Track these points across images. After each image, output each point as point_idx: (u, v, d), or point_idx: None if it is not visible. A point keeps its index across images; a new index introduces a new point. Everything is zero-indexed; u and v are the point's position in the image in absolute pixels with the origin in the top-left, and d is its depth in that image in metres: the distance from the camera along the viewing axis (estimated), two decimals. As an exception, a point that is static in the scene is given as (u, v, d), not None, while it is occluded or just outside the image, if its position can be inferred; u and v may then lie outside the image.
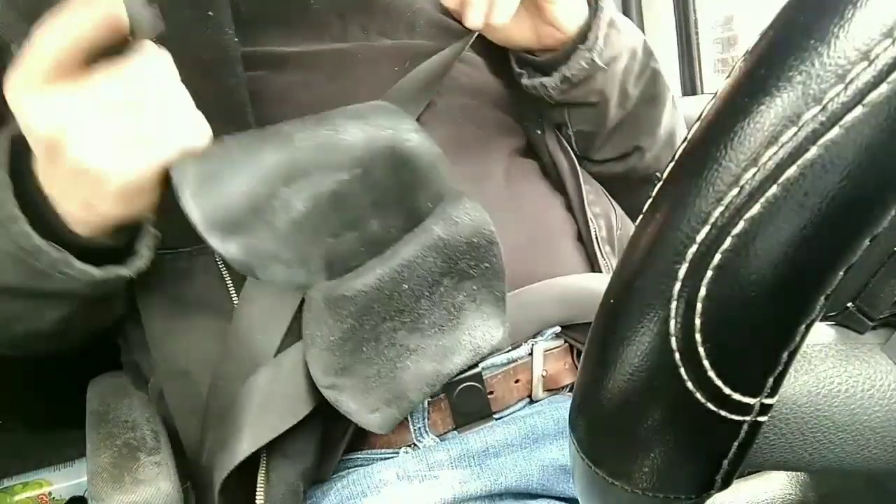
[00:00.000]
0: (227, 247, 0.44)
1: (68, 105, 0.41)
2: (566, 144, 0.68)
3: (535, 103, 0.69)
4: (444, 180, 0.51)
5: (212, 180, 0.44)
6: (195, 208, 0.43)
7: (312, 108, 0.62)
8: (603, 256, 0.64)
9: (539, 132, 0.69)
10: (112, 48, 0.42)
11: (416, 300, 0.49)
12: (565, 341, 0.61)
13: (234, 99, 0.58)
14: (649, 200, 0.22)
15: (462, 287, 0.51)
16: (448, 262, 0.49)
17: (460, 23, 0.62)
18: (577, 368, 0.62)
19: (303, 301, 0.51)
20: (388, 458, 0.54)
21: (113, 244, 0.50)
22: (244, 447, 0.48)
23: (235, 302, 0.54)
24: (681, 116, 0.70)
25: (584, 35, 0.60)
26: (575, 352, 0.61)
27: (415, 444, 0.55)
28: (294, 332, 0.53)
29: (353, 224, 0.49)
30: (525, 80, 0.65)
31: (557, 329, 0.60)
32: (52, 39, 0.40)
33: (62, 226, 0.47)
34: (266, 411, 0.49)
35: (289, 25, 0.66)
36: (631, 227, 0.69)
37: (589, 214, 0.65)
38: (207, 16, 0.60)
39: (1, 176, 0.46)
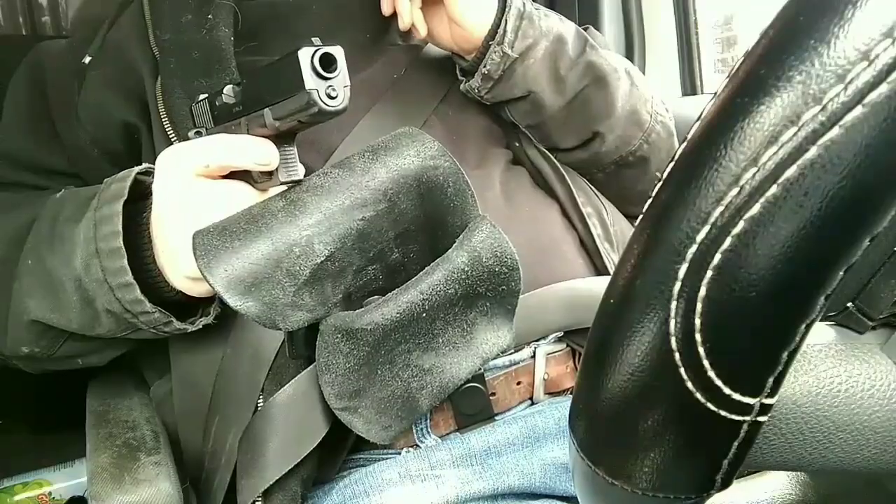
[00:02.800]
0: (245, 305, 0.44)
1: (187, 192, 0.49)
2: (546, 150, 0.68)
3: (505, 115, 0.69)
4: (469, 206, 0.50)
5: (231, 244, 0.45)
6: (210, 275, 0.44)
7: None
8: (604, 254, 0.64)
9: (517, 144, 0.69)
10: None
11: (431, 322, 0.49)
12: (567, 345, 0.61)
13: None
14: (649, 200, 0.22)
15: (476, 305, 0.50)
16: (468, 289, 0.49)
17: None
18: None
19: None
20: (390, 457, 0.54)
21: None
22: (269, 475, 0.50)
23: None
24: (644, 92, 0.69)
25: (494, 32, 0.62)
26: (577, 355, 0.61)
27: (416, 445, 0.55)
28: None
29: (376, 258, 0.49)
30: (461, 87, 0.67)
31: (560, 333, 0.60)
32: (216, 151, 0.48)
33: (163, 283, 0.52)
34: (286, 437, 0.50)
35: (289, 35, 0.67)
36: (623, 222, 0.69)
37: (584, 214, 0.66)
38: (207, 19, 0.61)
39: (116, 244, 0.49)
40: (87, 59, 0.65)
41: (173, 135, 0.58)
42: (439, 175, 0.48)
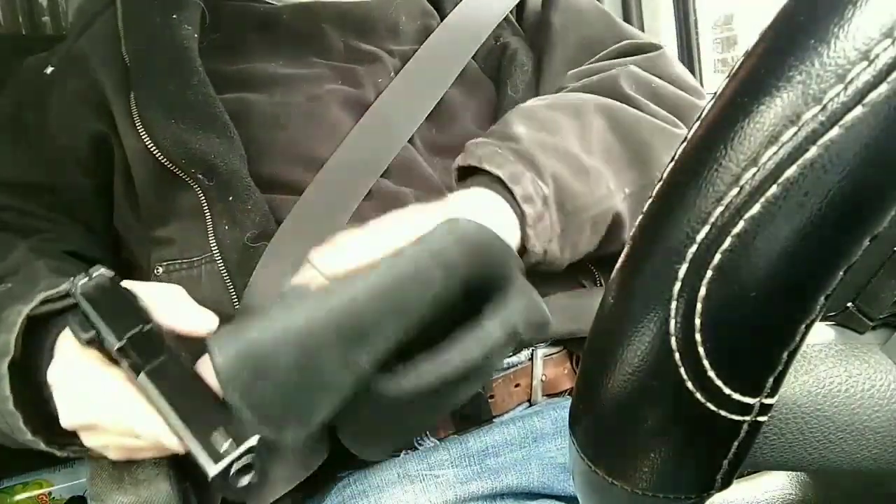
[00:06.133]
0: (284, 435, 0.40)
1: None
2: None
3: None
4: (511, 274, 0.44)
5: (257, 362, 0.39)
6: (242, 405, 0.39)
7: (298, 131, 0.60)
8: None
9: None
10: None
11: (455, 384, 0.45)
12: (564, 347, 0.61)
13: (199, 96, 0.58)
14: (649, 200, 0.22)
15: None
16: (498, 353, 0.45)
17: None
18: (575, 373, 0.62)
19: None
20: (389, 458, 0.54)
21: None
22: (277, 491, 0.51)
23: (237, 307, 0.55)
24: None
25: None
26: (574, 357, 0.61)
27: (415, 447, 0.55)
28: None
29: (418, 346, 0.44)
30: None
31: None
32: None
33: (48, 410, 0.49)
34: (294, 455, 0.51)
35: (269, 43, 0.65)
36: None
37: None
38: (172, 19, 0.60)
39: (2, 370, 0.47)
40: (49, 70, 0.64)
41: (152, 145, 0.57)
42: (492, 272, 0.44)
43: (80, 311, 0.46)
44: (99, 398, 0.45)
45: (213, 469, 0.39)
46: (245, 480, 0.40)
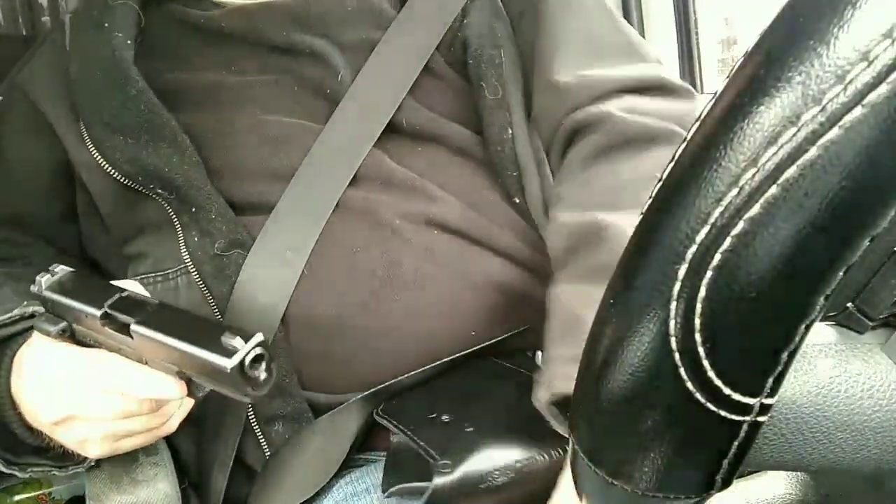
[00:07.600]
0: None
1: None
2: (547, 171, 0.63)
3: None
4: None
5: None
6: None
7: (253, 147, 0.58)
8: None
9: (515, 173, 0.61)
10: None
11: None
12: None
13: (140, 106, 0.56)
14: (649, 200, 0.22)
15: None
16: None
17: None
18: None
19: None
20: None
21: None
22: (307, 492, 0.52)
23: (219, 318, 0.55)
24: None
25: None
26: None
27: None
28: (278, 344, 0.54)
29: None
30: None
31: None
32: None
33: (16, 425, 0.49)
34: (306, 472, 0.52)
35: (209, 49, 0.62)
36: None
37: None
38: (104, 27, 0.58)
39: None
40: None
41: (106, 165, 0.56)
42: None
43: (47, 309, 0.47)
44: (80, 380, 0.45)
45: (229, 363, 0.40)
46: (262, 369, 0.41)
